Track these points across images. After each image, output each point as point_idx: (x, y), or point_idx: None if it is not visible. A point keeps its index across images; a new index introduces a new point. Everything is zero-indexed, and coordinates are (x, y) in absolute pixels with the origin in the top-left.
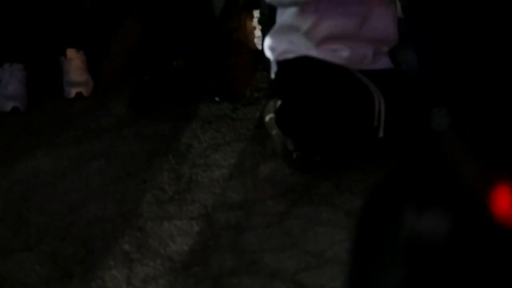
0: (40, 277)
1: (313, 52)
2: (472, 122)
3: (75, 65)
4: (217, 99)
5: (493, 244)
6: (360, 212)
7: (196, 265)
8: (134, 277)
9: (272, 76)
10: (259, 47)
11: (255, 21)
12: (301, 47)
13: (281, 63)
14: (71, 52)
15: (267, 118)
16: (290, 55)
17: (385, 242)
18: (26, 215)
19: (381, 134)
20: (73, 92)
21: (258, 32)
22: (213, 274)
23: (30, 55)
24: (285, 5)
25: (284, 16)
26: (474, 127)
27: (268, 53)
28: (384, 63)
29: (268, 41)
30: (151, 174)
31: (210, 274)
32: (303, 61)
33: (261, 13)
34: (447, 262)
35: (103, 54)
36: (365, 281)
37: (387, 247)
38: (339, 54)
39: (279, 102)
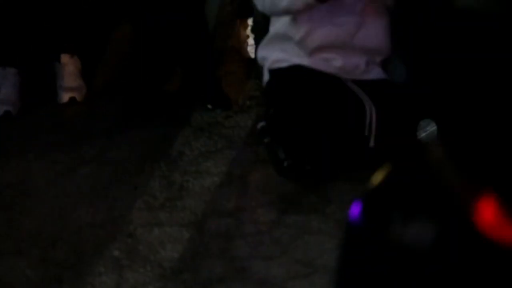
0: (31, 281)
1: (306, 61)
2: (459, 135)
3: (68, 70)
4: (209, 106)
5: (477, 254)
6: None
7: (185, 272)
8: (124, 283)
9: (264, 84)
10: (253, 55)
11: (248, 30)
12: (294, 56)
13: (273, 72)
14: (65, 58)
15: (259, 126)
16: (282, 64)
17: (373, 251)
18: (17, 219)
19: (372, 144)
20: (66, 97)
21: (251, 40)
22: (202, 281)
23: (24, 60)
24: (278, 14)
25: (277, 24)
26: (460, 139)
27: (260, 62)
28: (376, 73)
29: (260, 50)
30: (143, 180)
31: (199, 281)
32: (295, 70)
33: (254, 22)
34: (432, 272)
35: (97, 60)
36: None
37: (375, 256)
38: (331, 63)
39: (270, 110)
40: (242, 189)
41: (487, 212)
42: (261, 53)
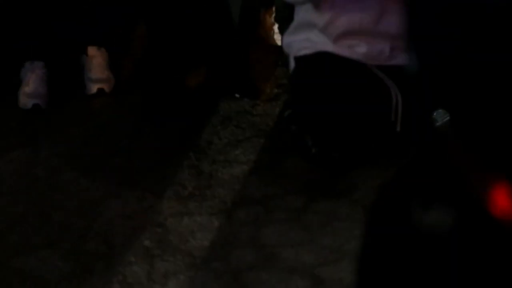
0: (62, 273)
1: (330, 48)
2: (473, 124)
3: (96, 62)
4: (237, 95)
5: (491, 240)
6: (371, 208)
7: (215, 260)
8: (155, 272)
9: (290, 72)
10: (279, 43)
11: (273, 18)
12: (319, 43)
13: (298, 59)
14: (92, 50)
15: (286, 114)
16: (307, 51)
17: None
18: (48, 212)
19: (398, 128)
20: (94, 88)
21: (277, 29)
22: (232, 269)
23: (51, 53)
24: (300, 3)
25: (301, 13)
26: (475, 128)
27: (286, 50)
28: (401, 59)
29: (286, 38)
30: (172, 170)
31: (229, 269)
32: (321, 57)
33: (276, 10)
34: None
35: (124, 52)
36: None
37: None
38: (356, 49)
39: (297, 98)
40: (270, 177)
41: (501, 199)
42: (287, 41)
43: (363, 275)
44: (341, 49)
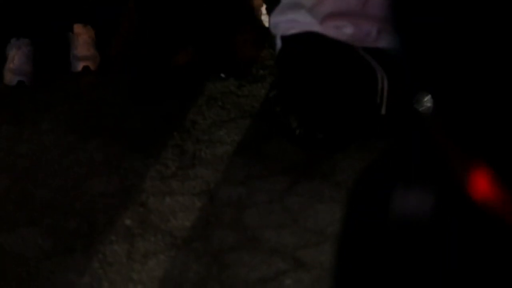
0: (43, 251)
1: (317, 28)
2: (455, 107)
3: (82, 40)
4: (222, 75)
5: (471, 224)
6: (352, 190)
7: (196, 241)
8: (135, 252)
9: (276, 52)
10: (266, 24)
11: None
12: (305, 24)
13: (285, 39)
14: (78, 27)
15: (271, 94)
16: (294, 31)
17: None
18: (30, 190)
19: (383, 111)
20: (80, 66)
21: (265, 10)
22: (213, 250)
23: (37, 30)
24: None
25: None
26: (456, 112)
27: (273, 30)
28: (388, 41)
29: (273, 18)
30: (155, 149)
31: (210, 250)
32: (307, 37)
33: None
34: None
35: (111, 30)
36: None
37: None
38: (342, 30)
39: (282, 79)
40: (254, 158)
41: (480, 183)
42: (274, 21)
43: (343, 258)
44: (328, 30)
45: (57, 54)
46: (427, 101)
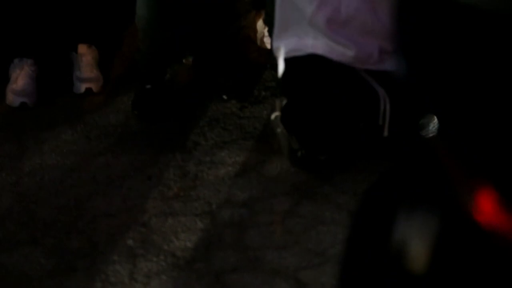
0: (45, 270)
1: (320, 43)
2: (460, 130)
3: (86, 60)
4: (224, 97)
5: (476, 244)
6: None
7: (199, 261)
8: (137, 272)
9: (279, 74)
10: (269, 46)
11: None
12: (308, 40)
13: (288, 61)
14: (82, 48)
15: (273, 116)
16: (297, 53)
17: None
18: (33, 209)
19: (385, 133)
20: (83, 87)
21: (266, 32)
22: (215, 270)
23: (41, 50)
24: None
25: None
26: (461, 134)
27: (275, 51)
28: (390, 64)
29: (275, 39)
30: (157, 170)
31: (212, 270)
32: (310, 59)
33: (266, 13)
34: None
35: (114, 50)
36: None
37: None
38: (345, 52)
39: (284, 101)
40: (255, 179)
41: (485, 205)
42: (276, 43)
43: (344, 280)
44: (331, 52)
45: (61, 74)
46: (432, 123)
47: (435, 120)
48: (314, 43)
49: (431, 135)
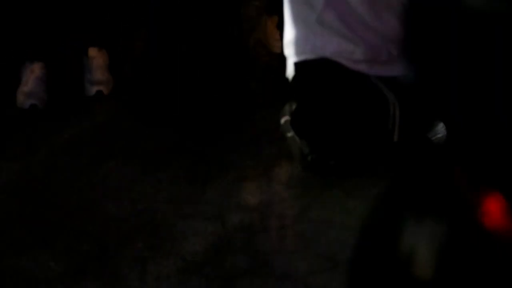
0: (55, 273)
1: (329, 42)
2: (468, 137)
3: (96, 64)
4: (235, 100)
5: (485, 251)
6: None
7: (208, 265)
8: (147, 275)
9: (289, 78)
10: (279, 50)
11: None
12: (317, 40)
13: (298, 65)
14: (93, 51)
15: (283, 120)
16: (308, 57)
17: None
18: (43, 212)
19: (395, 138)
20: (93, 90)
21: (278, 35)
22: (225, 275)
23: (51, 54)
24: None
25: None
26: (469, 142)
27: (286, 55)
28: (398, 70)
29: (286, 42)
30: (167, 173)
31: (222, 275)
32: (320, 63)
33: (280, 17)
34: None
35: (125, 53)
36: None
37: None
38: (354, 50)
39: (294, 105)
40: (266, 183)
41: (494, 212)
42: (287, 46)
43: (354, 285)
44: (339, 51)
45: (71, 77)
46: (441, 129)
47: (443, 125)
48: (323, 43)
49: (439, 140)
